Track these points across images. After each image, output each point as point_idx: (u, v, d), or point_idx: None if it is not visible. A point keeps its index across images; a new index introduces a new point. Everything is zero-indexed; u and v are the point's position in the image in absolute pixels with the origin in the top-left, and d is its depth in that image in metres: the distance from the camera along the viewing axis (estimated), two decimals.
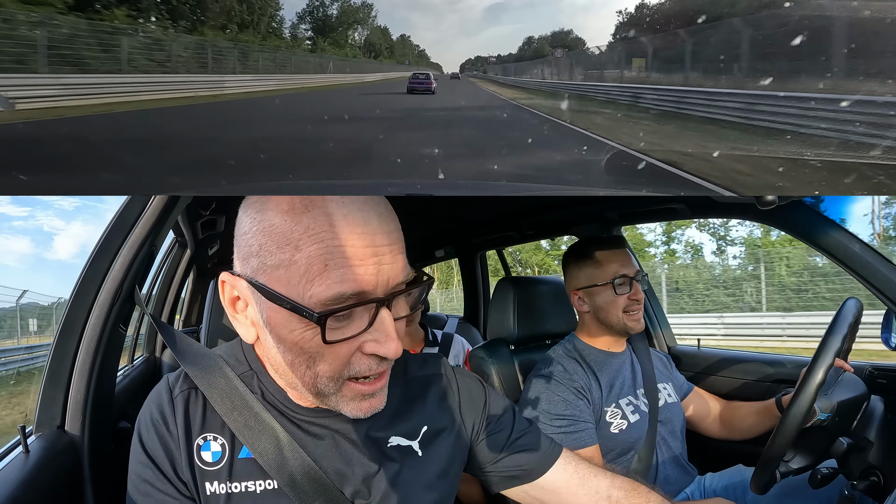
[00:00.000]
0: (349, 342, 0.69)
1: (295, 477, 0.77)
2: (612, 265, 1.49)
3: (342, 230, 0.67)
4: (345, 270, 0.66)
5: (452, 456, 0.90)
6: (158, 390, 0.84)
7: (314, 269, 0.66)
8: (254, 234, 0.70)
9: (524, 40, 57.73)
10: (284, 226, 0.67)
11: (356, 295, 0.67)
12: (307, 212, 0.67)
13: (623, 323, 1.47)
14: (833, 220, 1.32)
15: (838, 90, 6.92)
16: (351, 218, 0.67)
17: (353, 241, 0.67)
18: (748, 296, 12.56)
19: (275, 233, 0.68)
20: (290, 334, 0.70)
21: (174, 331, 0.96)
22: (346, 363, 0.71)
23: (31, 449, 0.98)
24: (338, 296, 0.66)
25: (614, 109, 11.50)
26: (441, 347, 2.24)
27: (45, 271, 27.54)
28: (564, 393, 1.39)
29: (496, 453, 0.93)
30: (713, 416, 1.64)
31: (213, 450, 0.79)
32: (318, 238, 0.66)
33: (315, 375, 0.72)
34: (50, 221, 33.33)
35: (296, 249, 0.66)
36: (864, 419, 1.22)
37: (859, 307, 1.19)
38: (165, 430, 0.79)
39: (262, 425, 0.79)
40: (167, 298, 2.97)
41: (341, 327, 0.69)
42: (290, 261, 0.67)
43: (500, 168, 5.15)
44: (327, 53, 31.18)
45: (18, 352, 9.80)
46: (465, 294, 3.30)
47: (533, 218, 2.28)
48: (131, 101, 10.72)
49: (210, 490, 0.78)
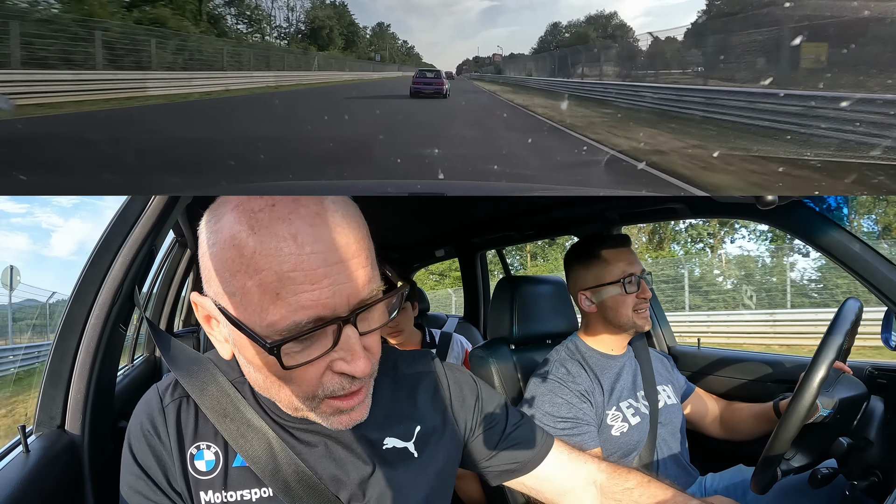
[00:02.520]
0: (315, 363, 0.67)
1: (290, 484, 0.77)
2: (620, 264, 1.48)
3: (291, 252, 0.62)
4: (298, 297, 0.62)
5: (448, 454, 0.90)
6: (147, 399, 0.82)
7: (266, 298, 0.63)
8: (210, 257, 0.67)
9: (547, 28, 44.17)
10: (234, 251, 0.64)
11: (313, 321, 0.64)
12: (254, 233, 0.63)
13: (633, 321, 1.47)
14: (833, 220, 1.32)
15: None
16: (301, 237, 0.63)
17: (304, 263, 0.62)
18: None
19: (227, 259, 0.65)
20: (254, 358, 0.69)
21: (167, 335, 0.95)
22: (317, 383, 0.69)
23: (31, 449, 0.98)
24: (293, 325, 0.63)
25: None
26: (440, 348, 2.22)
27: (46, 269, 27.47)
28: (568, 395, 1.39)
29: (491, 450, 0.95)
30: (712, 416, 1.65)
31: (206, 458, 0.78)
32: (267, 263, 0.62)
33: (289, 395, 0.71)
34: (48, 218, 33.39)
35: (247, 276, 0.63)
36: (864, 419, 1.22)
37: (859, 307, 1.19)
38: (157, 440, 0.78)
39: (254, 433, 0.78)
40: (167, 298, 2.97)
41: (303, 350, 0.66)
42: (243, 289, 0.64)
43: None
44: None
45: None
46: (465, 294, 3.30)
47: (533, 218, 2.28)
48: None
49: (205, 500, 0.77)
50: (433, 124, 9.14)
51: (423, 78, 15.09)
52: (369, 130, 7.76)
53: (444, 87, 14.55)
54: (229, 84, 15.78)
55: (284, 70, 21.56)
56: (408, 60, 51.23)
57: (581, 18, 41.01)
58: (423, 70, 16.24)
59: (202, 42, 16.93)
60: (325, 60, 27.70)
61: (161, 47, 14.14)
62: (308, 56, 25.83)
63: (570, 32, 39.76)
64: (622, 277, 1.46)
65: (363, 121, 9.16)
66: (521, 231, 2.48)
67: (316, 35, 32.30)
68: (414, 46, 58.68)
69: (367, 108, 11.54)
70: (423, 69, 16.76)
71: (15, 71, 9.38)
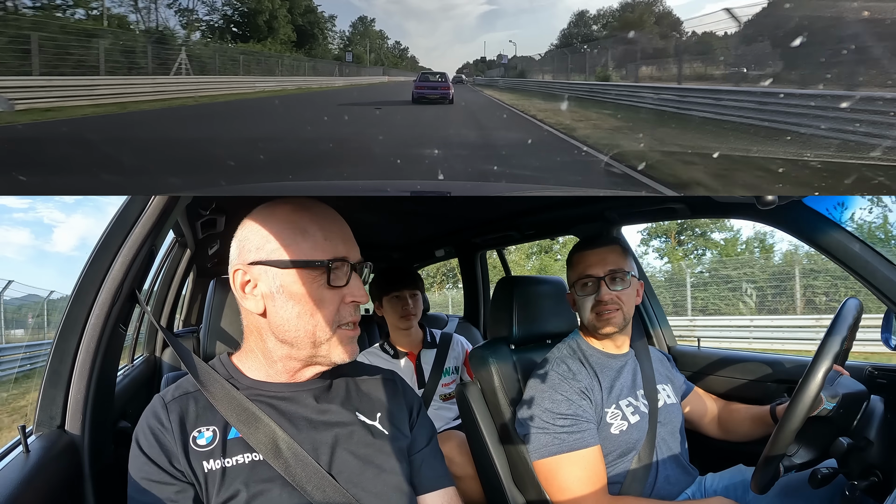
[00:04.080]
0: (338, 291, 0.97)
1: (279, 449, 0.93)
2: (581, 265, 1.49)
3: (327, 223, 0.99)
4: (335, 242, 0.98)
5: (407, 442, 1.05)
6: (151, 404, 0.97)
7: (318, 242, 0.96)
8: (269, 229, 0.96)
9: (572, 18, 32.70)
10: (288, 222, 0.97)
11: (343, 257, 0.98)
12: (301, 213, 0.99)
13: (593, 324, 1.48)
14: (833, 220, 1.32)
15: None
16: (330, 217, 1.00)
17: (335, 228, 0.99)
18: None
19: (287, 225, 0.97)
20: (300, 288, 0.94)
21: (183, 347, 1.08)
22: (336, 311, 0.97)
23: (31, 449, 0.98)
24: (333, 256, 0.97)
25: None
26: (440, 348, 2.22)
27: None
28: (568, 392, 1.39)
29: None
30: (710, 416, 1.65)
31: (206, 436, 0.94)
32: (317, 227, 0.97)
33: (315, 324, 0.95)
34: (51, 214, 33.19)
35: (304, 233, 0.97)
36: (864, 419, 1.22)
37: (859, 307, 1.19)
38: (160, 427, 0.93)
39: (248, 414, 0.95)
40: (167, 298, 2.97)
41: (334, 279, 0.96)
42: (302, 239, 0.96)
43: None
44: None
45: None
46: (465, 294, 3.30)
47: (533, 218, 2.28)
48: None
49: (207, 468, 0.91)
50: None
51: (427, 82, 14.36)
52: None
53: (449, 92, 13.96)
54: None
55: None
56: (400, 64, 44.35)
57: (614, 5, 30.29)
58: (427, 73, 15.40)
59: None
60: (234, 59, 18.03)
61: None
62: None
63: (604, 22, 29.66)
64: (580, 279, 1.48)
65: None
66: (521, 231, 2.48)
67: (251, 24, 23.19)
68: (408, 48, 52.85)
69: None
70: (426, 72, 15.69)
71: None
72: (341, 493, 0.93)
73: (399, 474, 1.00)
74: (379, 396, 1.07)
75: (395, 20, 69.81)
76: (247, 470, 0.92)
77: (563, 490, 1.35)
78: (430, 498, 1.05)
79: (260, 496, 0.90)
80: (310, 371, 1.01)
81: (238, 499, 0.90)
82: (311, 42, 28.49)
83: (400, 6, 67.20)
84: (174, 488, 0.90)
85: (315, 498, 0.92)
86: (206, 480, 0.91)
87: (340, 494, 0.93)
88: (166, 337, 1.16)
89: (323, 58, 28.34)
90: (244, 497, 0.90)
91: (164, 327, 2.75)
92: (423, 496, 1.04)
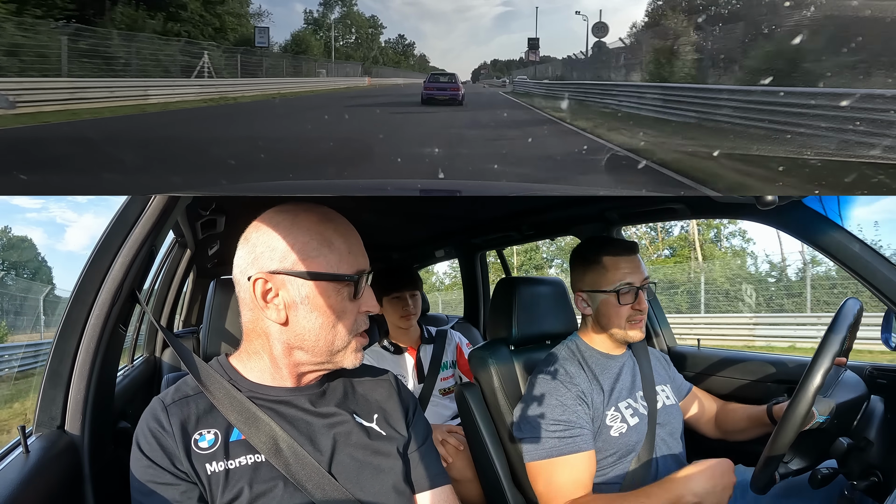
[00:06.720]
0: (356, 302, 0.99)
1: (279, 449, 0.94)
2: (619, 272, 1.44)
3: (349, 235, 1.01)
4: (357, 256, 1.00)
5: (403, 442, 1.05)
6: (151, 406, 0.97)
7: (344, 255, 0.98)
8: (293, 239, 0.96)
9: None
10: (314, 233, 0.97)
11: (364, 270, 1.00)
12: (326, 224, 0.99)
13: (624, 332, 1.46)
14: (833, 220, 1.32)
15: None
16: (350, 229, 1.01)
17: (355, 241, 1.01)
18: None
19: (313, 236, 0.97)
20: (326, 300, 0.96)
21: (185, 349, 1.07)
22: (354, 320, 0.99)
23: (31, 449, 0.98)
24: (357, 269, 0.99)
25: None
26: (437, 343, 2.29)
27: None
28: (563, 397, 1.39)
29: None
30: (708, 416, 1.64)
31: (208, 439, 0.94)
32: (342, 240, 0.99)
33: (336, 333, 0.97)
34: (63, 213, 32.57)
35: (330, 245, 0.97)
36: (864, 419, 1.22)
37: (859, 307, 1.19)
38: (161, 430, 0.92)
39: (249, 415, 0.96)
40: (167, 298, 2.97)
41: (357, 293, 0.99)
42: (328, 251, 0.97)
43: None
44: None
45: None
46: (465, 294, 3.30)
47: (533, 218, 2.28)
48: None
49: (210, 470, 0.91)
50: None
51: (437, 82, 14.29)
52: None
53: (459, 93, 13.93)
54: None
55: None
56: (404, 62, 38.80)
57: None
58: (436, 74, 15.28)
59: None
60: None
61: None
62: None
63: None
64: (618, 287, 1.43)
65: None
66: (521, 231, 2.48)
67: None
68: (414, 43, 43.70)
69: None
70: (435, 73, 15.53)
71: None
72: (341, 493, 0.94)
73: (397, 474, 1.01)
74: (375, 398, 1.08)
75: (412, 22, 69.09)
76: (250, 471, 0.93)
77: (547, 493, 1.35)
78: (427, 496, 1.05)
79: (263, 496, 0.92)
80: (312, 375, 1.02)
81: (242, 498, 0.91)
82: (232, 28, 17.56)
83: (416, 8, 66.73)
84: (179, 489, 0.90)
85: (316, 497, 0.93)
86: (210, 482, 0.91)
87: (340, 494, 0.94)
88: (167, 337, 1.17)
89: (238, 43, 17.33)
90: (247, 497, 0.91)
91: (165, 327, 2.75)
92: (419, 494, 1.05)
